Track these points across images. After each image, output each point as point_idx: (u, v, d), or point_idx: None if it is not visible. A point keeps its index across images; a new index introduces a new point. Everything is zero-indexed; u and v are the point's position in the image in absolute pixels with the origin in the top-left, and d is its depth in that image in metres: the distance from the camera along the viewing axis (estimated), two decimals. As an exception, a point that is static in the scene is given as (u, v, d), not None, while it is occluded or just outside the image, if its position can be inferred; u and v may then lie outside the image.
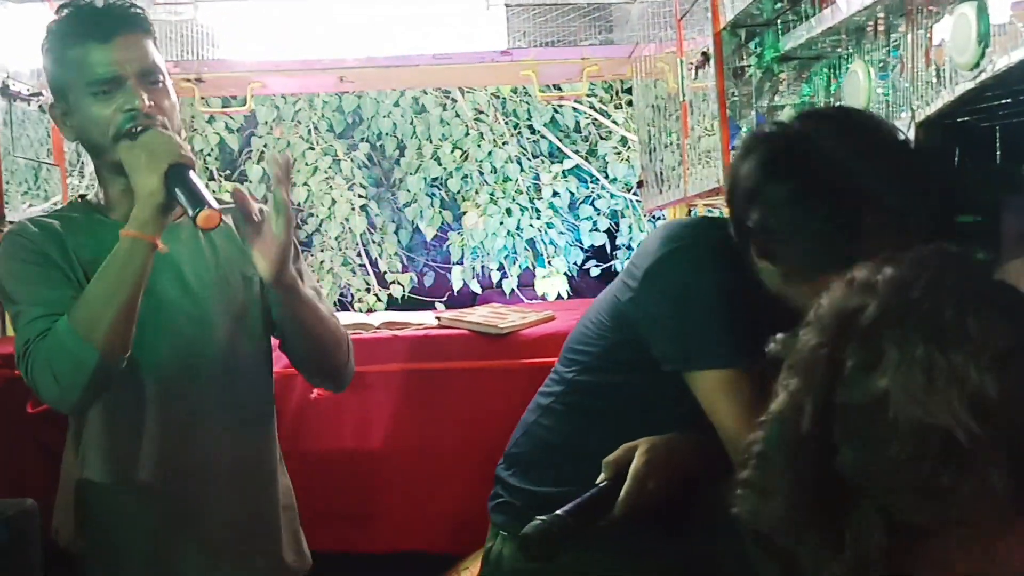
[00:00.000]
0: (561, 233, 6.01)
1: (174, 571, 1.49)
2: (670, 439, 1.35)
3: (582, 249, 6.02)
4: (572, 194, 6.06)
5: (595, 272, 5.99)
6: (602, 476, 1.33)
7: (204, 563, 1.50)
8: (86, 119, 1.41)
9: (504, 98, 6.12)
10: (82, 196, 1.55)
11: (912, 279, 0.53)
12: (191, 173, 1.35)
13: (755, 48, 2.04)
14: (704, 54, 2.11)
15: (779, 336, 0.59)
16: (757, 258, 1.27)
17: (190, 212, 1.30)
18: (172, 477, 1.48)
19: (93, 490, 1.47)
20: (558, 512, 1.26)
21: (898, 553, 0.50)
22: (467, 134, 6.23)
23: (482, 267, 6.25)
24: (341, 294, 6.61)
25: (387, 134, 6.35)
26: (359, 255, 6.47)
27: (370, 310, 6.15)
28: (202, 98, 3.01)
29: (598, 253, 6.00)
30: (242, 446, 1.53)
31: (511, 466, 1.54)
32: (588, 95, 5.55)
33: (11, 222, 2.08)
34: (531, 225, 6.02)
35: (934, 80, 1.44)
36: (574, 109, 5.96)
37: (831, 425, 0.51)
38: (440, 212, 6.46)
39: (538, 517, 1.24)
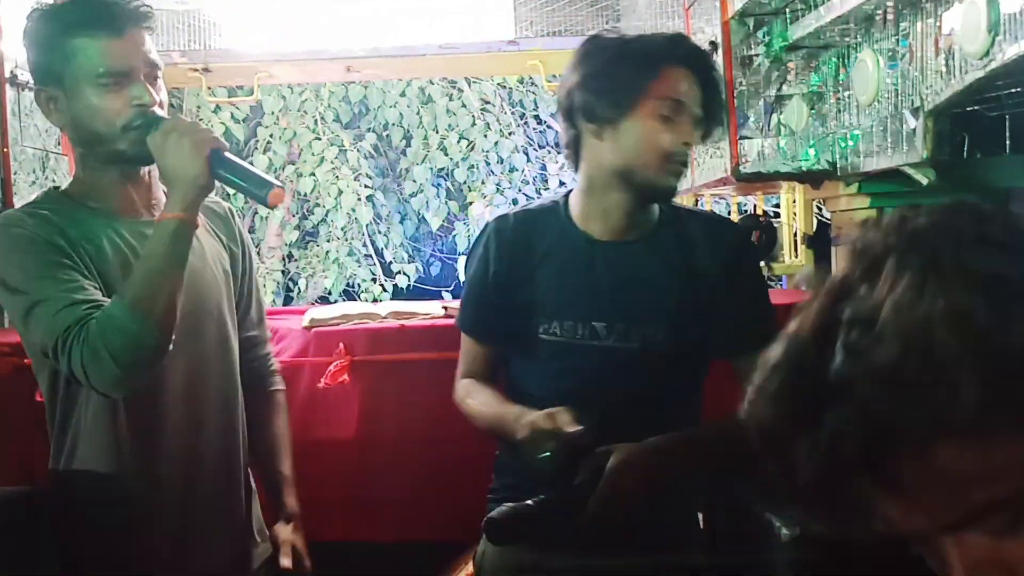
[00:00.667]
0: (567, 223, 6.01)
1: (156, 557, 1.50)
2: (652, 441, 1.37)
3: (588, 239, 6.02)
4: (578, 184, 6.05)
5: (601, 262, 5.99)
6: (579, 475, 1.36)
7: (186, 549, 1.52)
8: (90, 109, 1.42)
9: (511, 88, 6.11)
10: (55, 187, 1.56)
11: (923, 215, 0.59)
12: (233, 156, 1.41)
13: (763, 37, 2.03)
14: (712, 43, 2.10)
15: (808, 268, 0.64)
16: (586, 125, 1.47)
17: (258, 193, 1.38)
18: (164, 464, 1.50)
19: (83, 478, 1.48)
20: (527, 501, 1.30)
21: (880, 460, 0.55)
22: (473, 124, 6.22)
23: (488, 257, 6.24)
24: (347, 284, 6.62)
25: (393, 124, 6.35)
26: (365, 245, 6.47)
27: (375, 300, 6.16)
28: (208, 88, 3.01)
29: (604, 243, 5.99)
30: (223, 432, 1.57)
31: None
32: (595, 85, 5.52)
33: (18, 211, 2.08)
34: (537, 215, 6.02)
35: (943, 69, 1.43)
36: (581, 99, 5.94)
37: (834, 338, 0.56)
38: (446, 202, 6.47)
39: (506, 504, 1.30)
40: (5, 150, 2.07)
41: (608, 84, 1.44)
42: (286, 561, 1.57)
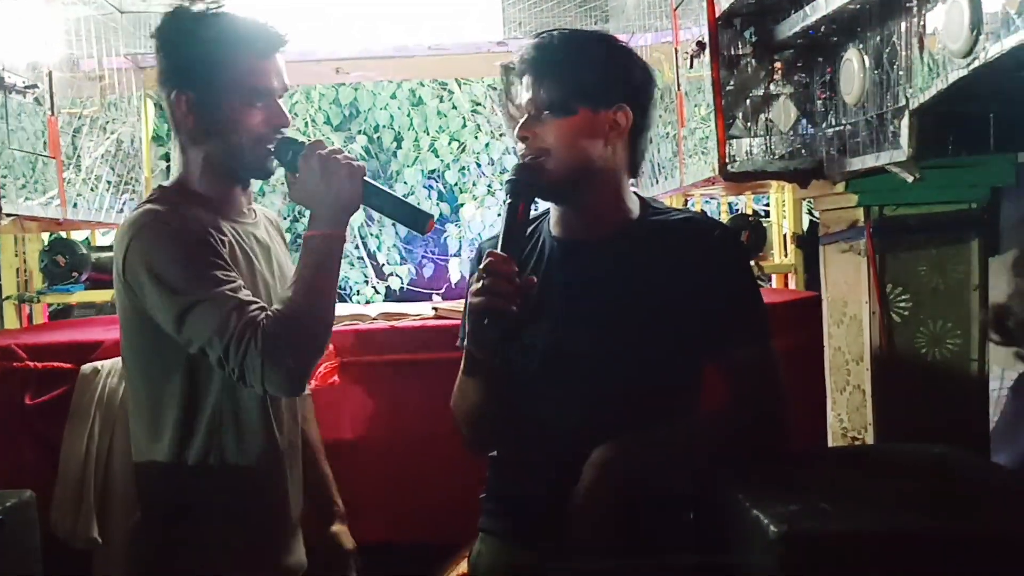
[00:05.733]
0: (558, 224, 6.01)
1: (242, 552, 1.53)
2: (632, 435, 1.36)
3: (579, 240, 6.02)
4: (569, 185, 6.05)
5: (593, 263, 5.99)
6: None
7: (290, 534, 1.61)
8: (232, 121, 1.46)
9: (501, 89, 6.11)
10: (163, 185, 1.56)
11: None
12: (379, 184, 1.50)
13: (750, 37, 2.04)
14: (700, 43, 2.11)
15: None
16: (558, 116, 1.52)
17: (417, 224, 1.50)
18: (286, 451, 1.57)
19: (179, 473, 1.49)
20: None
21: None
22: (464, 126, 6.22)
23: (480, 259, 6.25)
24: (340, 287, 6.61)
25: (384, 126, 6.35)
26: (357, 247, 6.47)
27: (368, 302, 6.15)
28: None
29: (596, 244, 5.99)
30: (296, 423, 1.63)
31: None
32: (585, 86, 5.53)
33: (8, 215, 2.08)
34: (529, 216, 6.02)
35: (928, 68, 1.44)
36: (571, 100, 5.95)
37: None
38: (438, 204, 6.46)
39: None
40: (-7, 153, 2.06)
41: (588, 86, 1.52)
42: None
